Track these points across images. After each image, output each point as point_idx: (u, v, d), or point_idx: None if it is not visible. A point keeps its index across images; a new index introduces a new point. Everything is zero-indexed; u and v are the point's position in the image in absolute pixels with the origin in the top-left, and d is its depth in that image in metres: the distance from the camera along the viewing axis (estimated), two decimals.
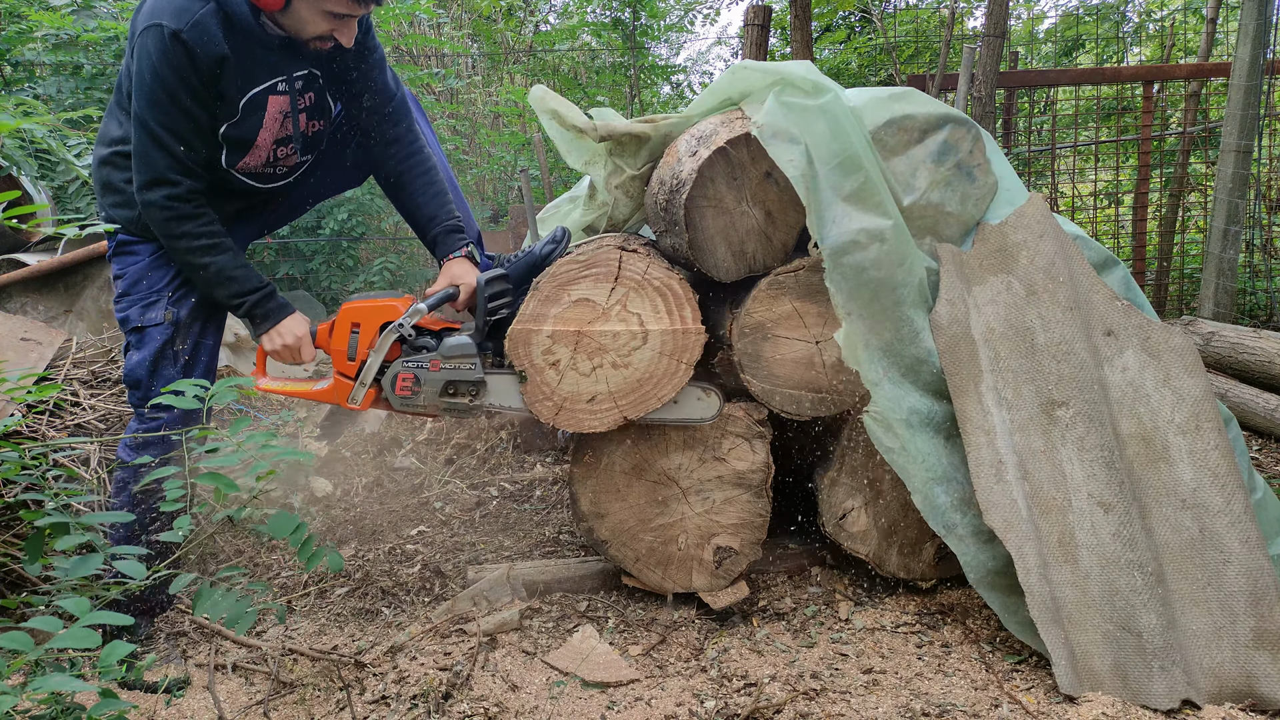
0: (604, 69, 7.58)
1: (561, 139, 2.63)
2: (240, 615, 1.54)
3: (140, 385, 2.24)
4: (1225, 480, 2.11)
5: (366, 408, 2.28)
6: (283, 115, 2.20)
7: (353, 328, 2.26)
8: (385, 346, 2.21)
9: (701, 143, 2.29)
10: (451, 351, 2.21)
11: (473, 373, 2.21)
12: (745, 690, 2.04)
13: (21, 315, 3.39)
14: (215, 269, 2.17)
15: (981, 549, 2.16)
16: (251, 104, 2.13)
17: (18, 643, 1.15)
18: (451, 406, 2.23)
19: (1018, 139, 5.59)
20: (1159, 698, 1.96)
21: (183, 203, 2.11)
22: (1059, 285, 2.26)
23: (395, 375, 2.22)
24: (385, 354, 2.22)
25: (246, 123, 2.15)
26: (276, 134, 2.21)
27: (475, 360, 2.21)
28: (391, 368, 2.23)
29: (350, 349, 2.26)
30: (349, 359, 2.26)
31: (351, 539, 3.11)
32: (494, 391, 2.25)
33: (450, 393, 2.22)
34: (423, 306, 2.22)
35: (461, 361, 2.21)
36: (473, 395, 2.23)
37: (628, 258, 2.22)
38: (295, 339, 2.26)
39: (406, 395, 2.22)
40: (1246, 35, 3.92)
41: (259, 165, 2.26)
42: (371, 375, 2.23)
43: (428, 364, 2.21)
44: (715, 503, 2.37)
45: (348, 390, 2.26)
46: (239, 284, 2.21)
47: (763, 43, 4.51)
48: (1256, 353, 3.60)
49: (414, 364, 2.22)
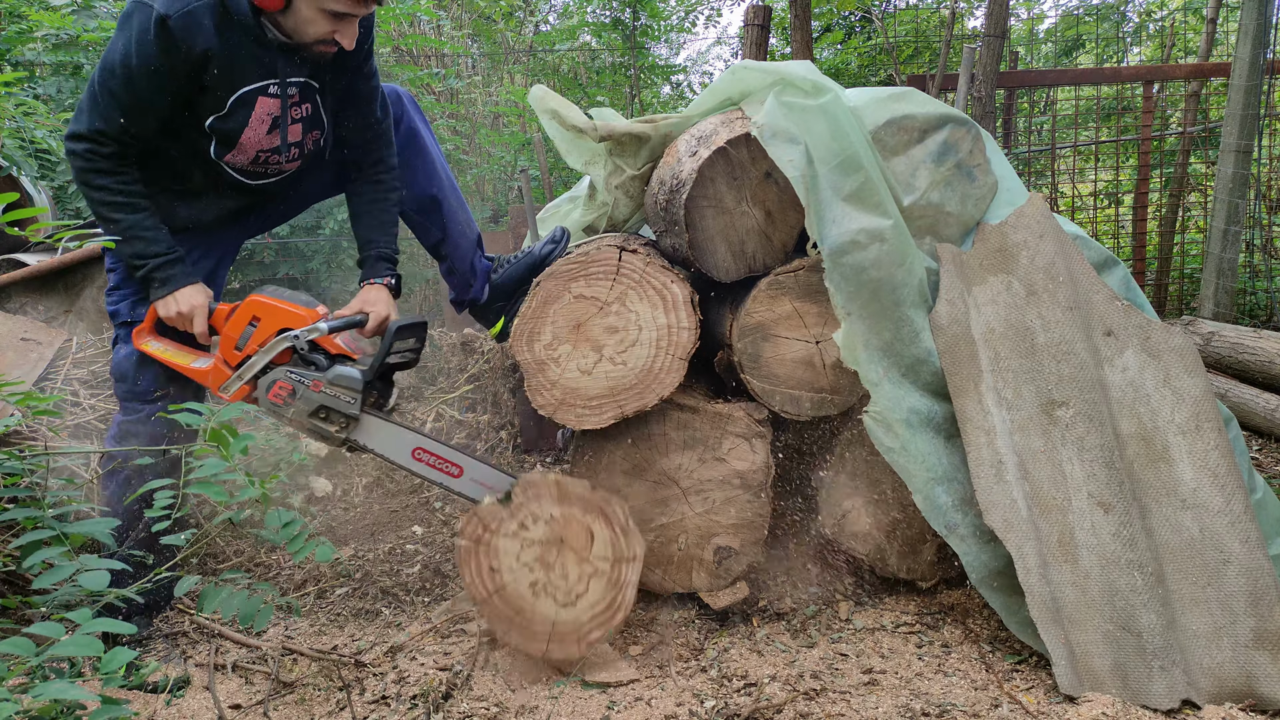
0: (604, 69, 7.58)
1: (561, 139, 2.63)
2: (253, 612, 1.55)
3: (126, 379, 2.26)
4: (1225, 480, 2.11)
5: (235, 400, 2.22)
6: (270, 118, 2.17)
7: (252, 320, 2.22)
8: (275, 351, 2.18)
9: (701, 143, 2.29)
10: (338, 380, 2.18)
11: (350, 406, 2.18)
12: (745, 690, 2.04)
13: (21, 315, 3.39)
14: (125, 225, 2.13)
15: (982, 549, 2.16)
16: (240, 101, 2.11)
17: (19, 648, 1.15)
18: (317, 429, 2.20)
19: (1018, 139, 5.59)
20: (1159, 698, 1.96)
21: (104, 159, 2.08)
22: (1059, 285, 2.26)
23: (274, 381, 2.19)
24: (273, 358, 2.19)
25: (233, 119, 2.12)
26: (263, 136, 2.19)
27: (357, 395, 2.18)
28: (273, 372, 2.19)
29: (242, 340, 2.21)
30: (236, 349, 2.22)
31: (351, 539, 3.11)
32: (365, 431, 2.22)
33: (321, 417, 2.19)
34: (324, 327, 2.20)
35: (344, 392, 2.17)
36: (343, 427, 2.20)
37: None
38: (190, 308, 2.20)
39: (278, 404, 2.19)
40: (1246, 35, 3.92)
41: (246, 163, 2.24)
42: (252, 374, 2.20)
43: (309, 382, 2.18)
44: (715, 503, 2.37)
45: (224, 379, 2.23)
46: (145, 245, 2.16)
47: (763, 43, 4.51)
48: (1256, 353, 3.59)
49: (296, 377, 2.19)
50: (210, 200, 2.30)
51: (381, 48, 6.68)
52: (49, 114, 4.16)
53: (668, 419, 2.33)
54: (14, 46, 4.65)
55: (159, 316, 2.24)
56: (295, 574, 2.82)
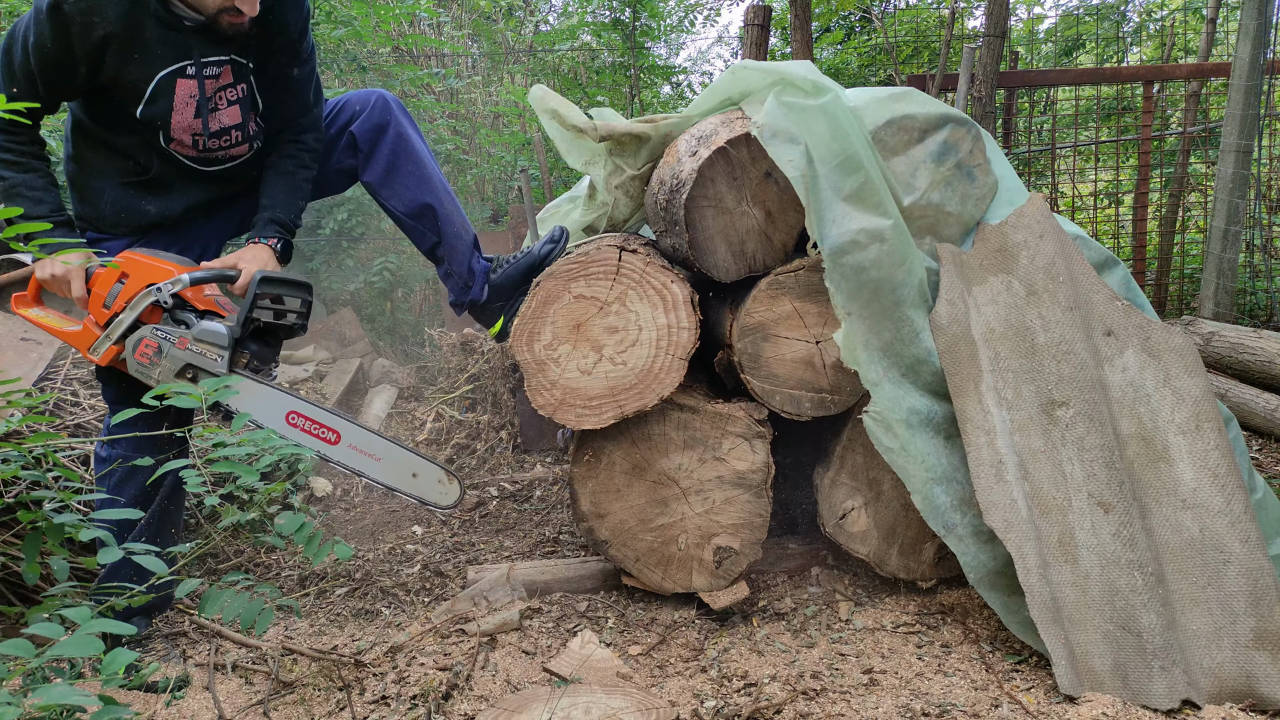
0: (604, 69, 7.58)
1: (561, 139, 2.63)
2: (254, 616, 1.54)
3: (114, 381, 2.24)
4: (1225, 480, 2.11)
5: (105, 363, 2.16)
6: (194, 100, 2.12)
7: (120, 277, 2.14)
8: (140, 307, 2.10)
9: (702, 142, 2.29)
10: (202, 335, 2.09)
11: (215, 365, 2.09)
12: (745, 690, 2.04)
13: None
14: (9, 184, 2.08)
15: (981, 549, 2.16)
16: (160, 89, 2.07)
17: (19, 649, 1.14)
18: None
19: (1018, 139, 5.59)
20: (1159, 698, 1.96)
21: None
22: (1059, 285, 2.26)
23: (140, 339, 2.11)
24: (139, 314, 2.11)
25: (156, 105, 2.09)
26: (190, 120, 2.14)
27: (223, 353, 2.09)
28: (140, 330, 2.12)
29: (110, 297, 2.13)
30: (105, 306, 2.14)
31: (351, 539, 3.11)
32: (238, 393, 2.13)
33: (189, 376, 2.10)
34: (186, 278, 2.10)
35: (209, 349, 2.09)
36: None
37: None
38: (66, 271, 2.13)
39: (144, 363, 2.10)
40: (1246, 35, 3.92)
41: (192, 151, 2.20)
42: (119, 332, 2.12)
43: (175, 339, 2.10)
44: (715, 503, 2.37)
45: (93, 339, 2.15)
46: (29, 204, 2.09)
47: (763, 43, 4.51)
48: (1256, 353, 3.60)
49: (162, 334, 2.10)
50: (178, 192, 2.25)
51: (381, 48, 6.68)
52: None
53: (668, 419, 2.34)
54: None
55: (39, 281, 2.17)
56: (295, 574, 2.82)
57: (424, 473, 2.27)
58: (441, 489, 2.29)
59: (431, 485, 2.28)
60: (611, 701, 1.91)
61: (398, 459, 2.25)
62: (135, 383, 2.22)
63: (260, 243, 2.29)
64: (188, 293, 2.14)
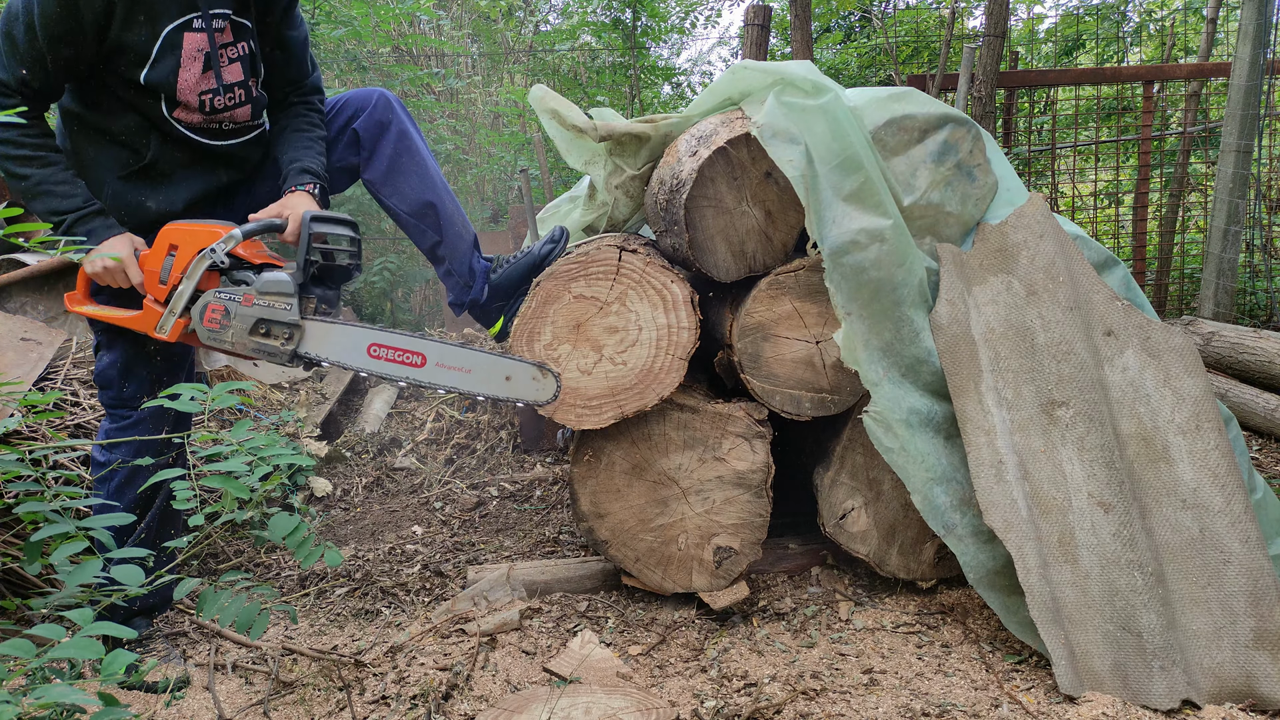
0: (604, 69, 7.59)
1: (561, 139, 2.63)
2: (251, 618, 1.54)
3: (112, 385, 2.20)
4: (1225, 480, 2.11)
5: (175, 338, 2.13)
6: (202, 55, 2.08)
7: (170, 250, 2.11)
8: (198, 273, 2.07)
9: (702, 142, 2.29)
10: (267, 287, 2.06)
11: (287, 313, 2.06)
12: (745, 690, 2.04)
13: (21, 315, 3.38)
14: (35, 180, 2.03)
15: (981, 549, 2.16)
16: (167, 44, 2.03)
17: (20, 650, 1.15)
18: (262, 348, 2.08)
19: (1018, 139, 5.59)
20: (1159, 698, 1.96)
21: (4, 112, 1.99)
22: (1059, 285, 2.26)
23: (205, 305, 2.08)
24: (198, 282, 2.08)
25: (164, 64, 2.04)
26: (199, 76, 2.10)
27: (292, 301, 2.06)
28: (203, 297, 2.09)
29: (164, 272, 2.10)
30: (161, 282, 2.11)
31: (351, 539, 3.11)
32: (312, 339, 2.10)
33: (262, 332, 2.07)
34: (238, 233, 2.07)
35: (277, 300, 2.06)
36: (286, 339, 2.08)
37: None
38: (117, 263, 2.10)
39: (214, 329, 2.07)
40: (1246, 35, 3.92)
41: (199, 119, 2.16)
42: (182, 304, 2.08)
43: (240, 297, 2.07)
44: (715, 503, 2.37)
45: (157, 318, 2.11)
46: (57, 200, 2.05)
47: (763, 43, 4.51)
48: (1256, 353, 3.60)
49: (227, 296, 2.07)
50: (178, 183, 2.21)
51: (381, 48, 6.68)
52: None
53: (668, 419, 2.34)
54: None
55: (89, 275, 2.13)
56: (295, 574, 2.82)
57: (517, 374, 2.18)
58: (537, 385, 2.20)
59: (527, 384, 2.20)
60: (611, 701, 1.91)
61: (488, 366, 2.17)
62: (134, 387, 2.21)
63: (298, 190, 2.24)
64: (241, 250, 2.11)
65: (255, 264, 2.13)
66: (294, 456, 1.58)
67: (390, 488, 3.61)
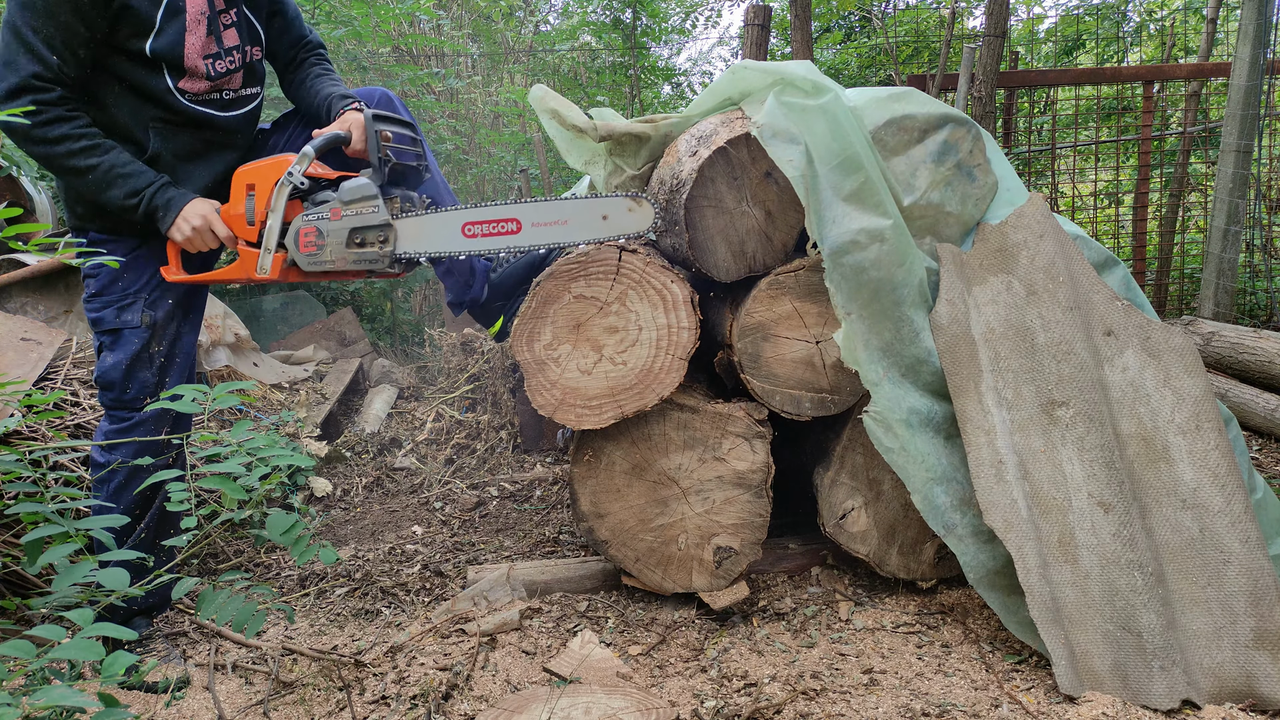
0: (604, 69, 7.59)
1: (561, 139, 2.63)
2: (248, 618, 1.54)
3: (114, 387, 2.19)
4: (1225, 480, 2.11)
5: (276, 275, 2.14)
6: (205, 17, 2.10)
7: (248, 191, 2.13)
8: (281, 203, 2.08)
9: (702, 142, 2.29)
10: (350, 195, 2.07)
11: (376, 215, 2.07)
12: (745, 690, 2.04)
13: (21, 315, 3.39)
14: (104, 168, 2.04)
15: (981, 549, 2.16)
16: (170, 9, 2.05)
17: (20, 650, 1.14)
18: (362, 258, 2.09)
19: (1018, 139, 5.59)
20: (1159, 698, 1.96)
21: (55, 106, 1.99)
22: (1059, 285, 2.26)
23: (297, 231, 2.08)
24: (284, 213, 2.09)
25: (168, 31, 2.06)
26: (204, 40, 2.12)
27: (378, 202, 2.07)
28: (293, 225, 2.10)
29: (248, 213, 2.12)
30: (249, 223, 2.12)
31: (351, 539, 3.11)
32: (406, 237, 2.11)
33: (357, 242, 2.08)
34: (309, 150, 2.08)
35: (363, 205, 2.07)
36: (382, 242, 2.10)
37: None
38: (203, 220, 2.12)
39: (312, 251, 2.08)
40: (1246, 35, 3.92)
41: (205, 88, 2.17)
42: (275, 238, 2.10)
43: (328, 213, 2.08)
44: (715, 503, 2.37)
45: (254, 260, 2.13)
46: (133, 180, 2.07)
47: (763, 43, 4.51)
48: (1256, 353, 3.59)
49: (315, 216, 2.08)
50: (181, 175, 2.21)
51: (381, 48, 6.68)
52: None
53: (668, 419, 2.33)
54: None
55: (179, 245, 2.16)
56: (295, 574, 2.82)
57: (611, 210, 2.15)
58: (635, 216, 2.16)
59: (624, 216, 2.16)
60: (611, 701, 1.91)
61: (583, 211, 2.15)
62: (137, 389, 2.21)
63: (346, 111, 2.26)
64: (315, 169, 2.12)
65: (332, 179, 2.15)
66: (292, 457, 1.58)
67: (390, 488, 3.61)
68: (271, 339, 5.03)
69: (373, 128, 2.09)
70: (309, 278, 2.20)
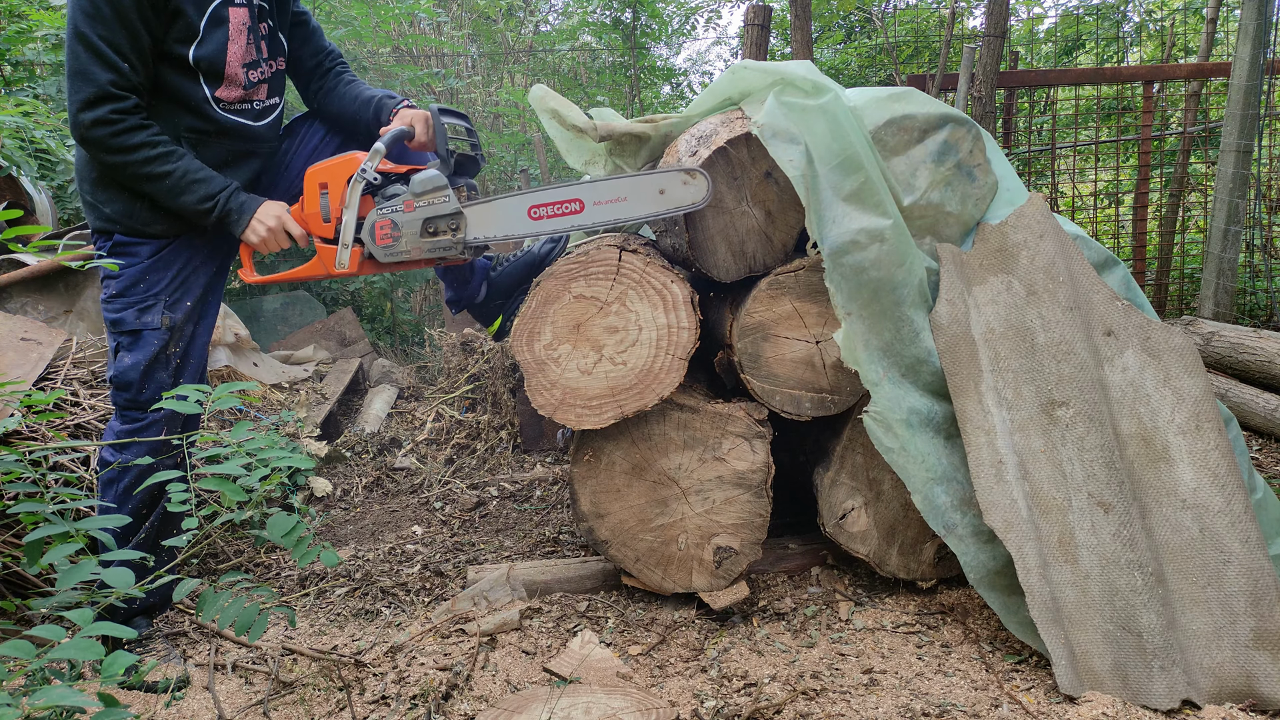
0: (604, 69, 7.59)
1: (561, 138, 2.63)
2: (250, 621, 1.54)
3: (130, 388, 2.19)
4: (1225, 480, 2.11)
5: (355, 269, 2.23)
6: (246, 28, 2.15)
7: (321, 189, 2.21)
8: (355, 198, 2.17)
9: (702, 142, 2.29)
10: (421, 187, 2.15)
11: (447, 204, 2.15)
12: (745, 690, 2.04)
13: (21, 315, 3.39)
14: (179, 174, 2.09)
15: (981, 549, 2.16)
16: (214, 18, 2.09)
17: (20, 650, 1.14)
18: (436, 249, 2.17)
19: (1018, 139, 5.59)
20: (1159, 698, 1.96)
21: (129, 114, 2.03)
22: (1059, 285, 2.26)
23: (373, 225, 2.17)
24: (358, 209, 2.18)
25: (211, 40, 2.10)
26: (244, 51, 2.17)
27: (448, 192, 2.16)
28: (367, 219, 2.18)
29: (324, 211, 2.20)
30: (324, 221, 2.21)
31: (351, 539, 3.11)
32: (475, 224, 2.19)
33: (430, 232, 2.17)
34: (380, 146, 2.16)
35: (434, 195, 2.15)
36: (454, 230, 2.18)
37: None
38: (277, 220, 2.20)
39: (388, 244, 2.17)
40: (1246, 35, 3.92)
41: (239, 96, 2.21)
42: (351, 233, 2.18)
43: (401, 206, 2.16)
44: (715, 503, 2.37)
45: (332, 256, 2.21)
46: (207, 185, 2.13)
47: (763, 43, 4.50)
48: (1256, 353, 3.59)
49: (388, 209, 2.17)
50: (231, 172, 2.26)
51: (381, 48, 6.68)
52: (49, 114, 4.16)
53: (668, 419, 2.33)
54: (14, 46, 4.64)
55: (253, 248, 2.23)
56: (295, 573, 2.82)
57: (668, 184, 2.18)
58: (690, 188, 2.19)
59: (680, 190, 2.18)
60: (611, 701, 1.91)
61: (641, 186, 2.20)
62: (153, 390, 2.20)
63: (401, 108, 2.33)
64: (385, 165, 2.20)
65: (402, 173, 2.23)
66: (292, 458, 1.58)
67: (390, 488, 3.61)
68: (271, 339, 5.03)
69: (439, 121, 2.19)
70: (385, 269, 2.29)
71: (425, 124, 2.26)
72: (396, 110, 2.33)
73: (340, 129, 2.49)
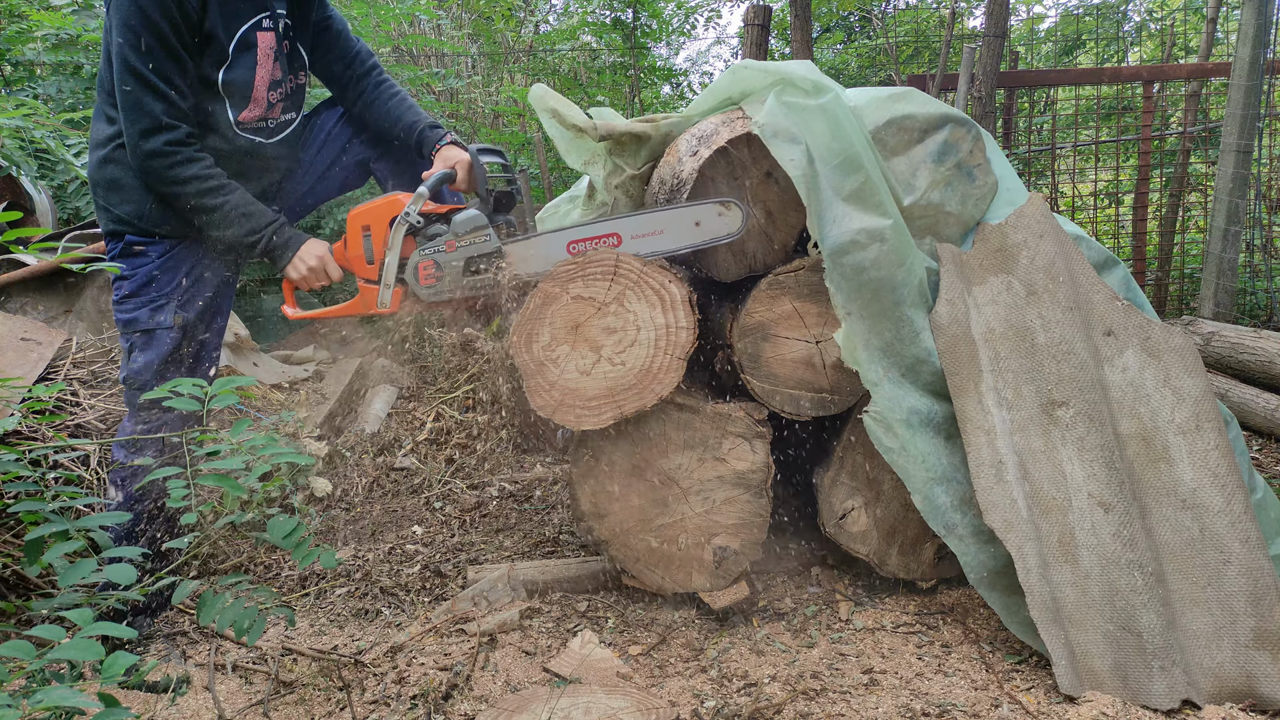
0: (604, 69, 7.58)
1: (561, 138, 2.63)
2: (248, 623, 1.54)
3: (145, 388, 2.18)
4: (1225, 480, 2.11)
5: (396, 308, 2.26)
6: (273, 52, 2.17)
7: (364, 231, 2.25)
8: (399, 240, 2.20)
9: (702, 142, 2.29)
10: (463, 227, 2.19)
11: (489, 243, 2.20)
12: (745, 690, 2.04)
13: (21, 315, 3.38)
14: (229, 208, 2.13)
15: (981, 549, 2.16)
16: (242, 43, 2.11)
17: (20, 651, 1.14)
18: (477, 288, 2.22)
19: (1018, 139, 5.59)
20: (1159, 698, 1.96)
21: (185, 146, 2.07)
22: (1059, 285, 2.26)
23: (416, 266, 2.21)
24: (400, 249, 2.21)
25: (240, 64, 2.12)
26: (271, 73, 2.19)
27: (489, 231, 2.20)
28: (410, 260, 2.22)
29: (367, 253, 2.25)
30: (368, 263, 2.25)
31: (351, 539, 3.11)
32: (515, 260, 2.24)
33: (472, 270, 2.21)
34: (424, 190, 2.20)
35: (476, 235, 2.19)
36: (495, 268, 2.23)
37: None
38: (318, 259, 2.24)
39: (431, 284, 2.22)
40: (1246, 35, 3.92)
41: (259, 116, 2.23)
42: (393, 274, 2.22)
43: (443, 246, 2.20)
44: (715, 503, 2.37)
45: (374, 296, 2.26)
46: (254, 219, 2.17)
47: (763, 43, 4.51)
48: (1256, 353, 3.59)
49: (431, 250, 2.21)
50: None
51: (381, 48, 6.68)
52: (49, 114, 4.16)
53: (668, 419, 2.33)
54: (14, 46, 4.65)
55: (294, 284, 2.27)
56: (295, 573, 2.82)
57: (703, 216, 2.21)
58: (725, 220, 2.22)
59: (715, 222, 2.22)
60: (611, 701, 1.91)
61: (677, 219, 2.23)
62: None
63: (444, 145, 2.36)
64: (427, 206, 2.23)
65: (443, 214, 2.25)
66: (292, 456, 1.58)
67: (390, 488, 3.61)
68: (271, 339, 5.03)
69: (479, 163, 2.22)
70: (428, 309, 2.32)
71: (467, 169, 2.29)
72: (438, 147, 2.36)
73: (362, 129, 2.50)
